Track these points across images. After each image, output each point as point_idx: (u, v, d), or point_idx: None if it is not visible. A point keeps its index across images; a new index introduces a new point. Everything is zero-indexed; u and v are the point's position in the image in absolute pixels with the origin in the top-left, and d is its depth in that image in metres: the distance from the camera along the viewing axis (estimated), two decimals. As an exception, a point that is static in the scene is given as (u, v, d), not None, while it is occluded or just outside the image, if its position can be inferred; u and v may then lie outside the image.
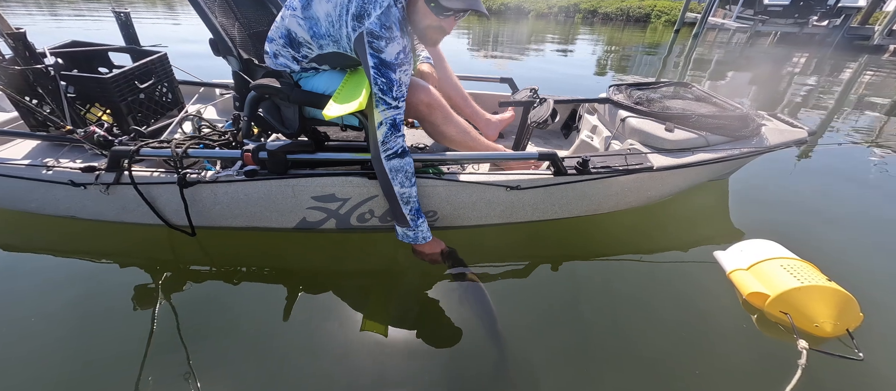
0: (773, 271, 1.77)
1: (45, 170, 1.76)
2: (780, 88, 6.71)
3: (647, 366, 1.57)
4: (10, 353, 1.51)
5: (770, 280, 1.74)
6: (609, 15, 18.11)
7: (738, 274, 1.88)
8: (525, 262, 2.08)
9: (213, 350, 1.56)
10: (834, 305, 1.61)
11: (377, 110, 1.53)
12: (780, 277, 1.72)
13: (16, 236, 2.11)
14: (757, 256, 1.87)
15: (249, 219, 1.94)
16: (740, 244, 2.01)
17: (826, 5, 12.16)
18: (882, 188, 3.09)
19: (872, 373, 1.55)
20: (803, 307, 1.63)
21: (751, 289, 1.76)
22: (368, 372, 1.50)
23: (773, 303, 1.68)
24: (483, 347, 1.62)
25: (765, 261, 1.82)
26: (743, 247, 1.99)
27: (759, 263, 1.83)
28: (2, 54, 1.77)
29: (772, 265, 1.80)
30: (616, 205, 2.19)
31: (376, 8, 1.46)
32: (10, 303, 1.72)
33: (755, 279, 1.80)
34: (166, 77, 2.29)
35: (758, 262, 1.84)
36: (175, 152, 1.69)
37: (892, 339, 1.71)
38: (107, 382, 1.44)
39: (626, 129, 2.23)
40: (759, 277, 1.79)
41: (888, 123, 4.88)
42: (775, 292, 1.68)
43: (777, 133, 2.23)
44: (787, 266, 1.77)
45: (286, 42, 1.66)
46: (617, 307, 1.85)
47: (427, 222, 1.75)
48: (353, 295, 1.84)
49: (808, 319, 1.62)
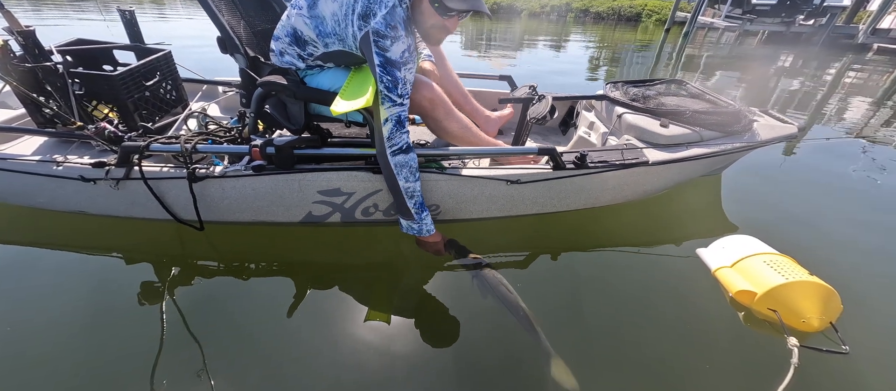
0: (757, 268, 1.77)
1: (55, 166, 1.76)
2: (768, 86, 6.77)
3: (642, 362, 1.58)
4: (24, 348, 1.52)
5: (756, 277, 1.74)
6: (601, 14, 18.14)
7: (723, 272, 1.88)
8: (526, 253, 2.10)
9: (221, 342, 1.57)
10: (818, 299, 1.63)
11: (383, 107, 1.54)
12: (766, 274, 1.72)
13: (26, 232, 2.10)
14: (739, 253, 1.88)
15: (256, 213, 1.95)
16: (721, 241, 2.02)
17: (812, 4, 12.22)
18: (861, 183, 3.14)
19: (855, 364, 1.56)
20: (790, 303, 1.64)
21: (738, 288, 1.76)
22: (374, 361, 1.52)
23: (761, 301, 1.68)
24: (488, 332, 1.65)
25: (748, 258, 1.83)
26: (724, 244, 1.99)
27: (742, 260, 1.84)
28: (12, 52, 1.77)
29: (755, 262, 1.80)
30: (613, 199, 2.22)
31: (382, 8, 1.48)
32: (23, 299, 1.73)
33: (741, 277, 1.80)
34: (170, 74, 2.27)
35: (741, 259, 1.84)
36: (184, 148, 1.69)
37: (869, 329, 1.73)
38: (118, 375, 1.45)
39: (622, 125, 2.25)
40: (745, 275, 1.79)
41: (872, 120, 4.95)
42: (762, 290, 1.68)
43: (768, 128, 2.26)
44: (769, 262, 1.77)
45: (292, 40, 1.67)
46: (614, 302, 1.87)
47: (430, 215, 1.78)
48: (357, 286, 1.86)
49: (795, 315, 1.63)
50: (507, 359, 1.56)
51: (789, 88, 6.67)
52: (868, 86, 7.08)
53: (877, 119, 5.00)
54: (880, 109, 5.47)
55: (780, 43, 12.59)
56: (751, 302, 1.72)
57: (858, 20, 12.81)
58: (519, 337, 1.60)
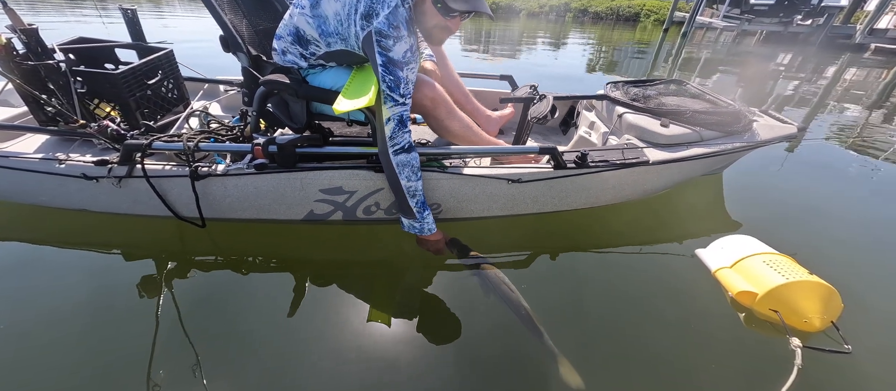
0: (757, 268, 1.76)
1: (58, 164, 1.75)
2: (766, 86, 6.77)
3: (644, 362, 1.57)
4: (26, 343, 1.51)
5: (756, 278, 1.73)
6: (599, 14, 18.15)
7: (723, 272, 1.86)
8: (527, 253, 2.10)
9: (221, 338, 1.56)
10: (819, 299, 1.62)
11: (385, 107, 1.53)
12: (766, 274, 1.71)
13: (27, 229, 2.09)
14: (738, 253, 1.86)
15: (258, 211, 1.94)
16: (720, 241, 2.00)
17: (809, 4, 12.23)
18: (860, 180, 3.15)
19: (858, 363, 1.55)
20: (791, 303, 1.63)
21: (739, 289, 1.74)
22: (375, 358, 1.51)
23: (762, 301, 1.67)
24: (490, 331, 1.64)
25: (747, 258, 1.81)
26: (723, 244, 1.97)
27: (742, 260, 1.82)
28: (15, 49, 1.76)
29: (755, 262, 1.79)
30: (614, 198, 2.22)
31: (384, 8, 1.47)
32: (24, 296, 1.72)
33: (741, 277, 1.78)
34: (172, 73, 2.26)
35: (740, 260, 1.83)
36: (187, 146, 1.69)
37: (870, 327, 1.73)
38: (117, 370, 1.44)
39: (623, 125, 2.25)
40: (745, 275, 1.78)
41: (869, 119, 4.95)
42: (763, 290, 1.66)
43: (768, 128, 2.26)
44: (769, 262, 1.76)
45: (294, 39, 1.67)
46: (615, 301, 1.86)
47: (432, 214, 1.77)
48: (359, 285, 1.85)
49: (796, 315, 1.62)
50: (510, 359, 1.55)
51: (787, 88, 6.67)
52: (866, 85, 7.09)
53: (874, 118, 5.01)
54: (878, 109, 5.48)
55: (778, 43, 12.61)
56: (752, 303, 1.71)
57: (856, 20, 12.83)
58: (521, 336, 1.60)
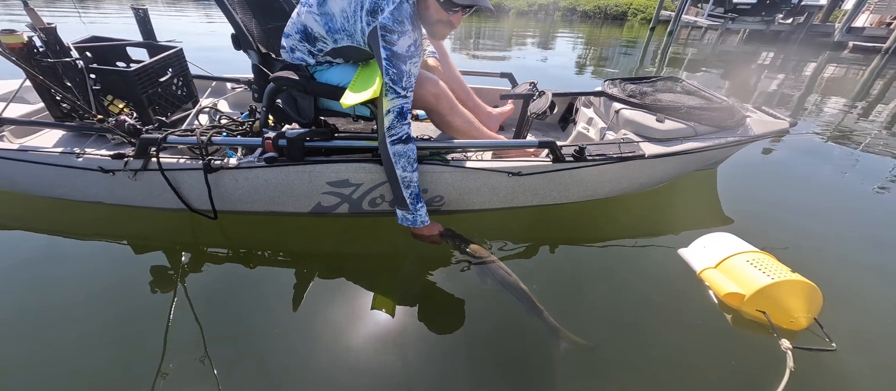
0: (741, 268, 1.70)
1: (76, 157, 1.73)
2: (750, 83, 6.75)
3: (640, 356, 1.52)
4: (44, 334, 1.49)
5: (742, 278, 1.67)
6: (587, 12, 18.05)
7: (708, 273, 1.80)
8: (526, 244, 2.08)
9: (232, 329, 1.54)
10: (803, 297, 1.57)
11: (386, 98, 1.53)
12: (751, 275, 1.65)
13: (45, 222, 2.06)
14: (721, 253, 1.81)
15: (268, 203, 1.92)
16: (701, 240, 1.95)
17: (790, 3, 12.21)
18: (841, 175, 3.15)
19: (842, 358, 1.52)
20: (778, 303, 1.58)
21: (726, 290, 1.68)
22: (381, 345, 1.50)
23: (750, 302, 1.62)
24: (493, 316, 1.64)
25: (731, 258, 1.76)
26: (705, 243, 1.92)
27: (725, 260, 1.77)
28: (36, 47, 1.74)
29: (738, 261, 1.73)
30: (611, 191, 2.20)
31: (389, 4, 1.47)
32: (43, 285, 1.70)
33: (727, 278, 1.73)
34: (182, 71, 2.23)
35: (724, 259, 1.78)
36: (200, 140, 1.67)
37: (851, 323, 1.68)
38: (129, 357, 1.42)
39: (620, 121, 2.23)
40: (731, 276, 1.72)
41: (849, 115, 4.95)
42: (750, 291, 1.61)
43: (760, 124, 2.24)
44: (752, 260, 1.71)
45: (302, 37, 1.65)
46: (612, 291, 1.84)
47: (426, 207, 1.75)
48: (364, 275, 1.83)
49: (783, 314, 1.57)
50: (514, 340, 1.54)
51: (770, 85, 6.66)
52: (846, 81, 7.09)
53: (854, 114, 5.01)
54: (857, 105, 5.48)
55: (761, 41, 12.59)
56: (740, 304, 1.66)
57: (834, 19, 12.80)
58: (523, 318, 1.59)
